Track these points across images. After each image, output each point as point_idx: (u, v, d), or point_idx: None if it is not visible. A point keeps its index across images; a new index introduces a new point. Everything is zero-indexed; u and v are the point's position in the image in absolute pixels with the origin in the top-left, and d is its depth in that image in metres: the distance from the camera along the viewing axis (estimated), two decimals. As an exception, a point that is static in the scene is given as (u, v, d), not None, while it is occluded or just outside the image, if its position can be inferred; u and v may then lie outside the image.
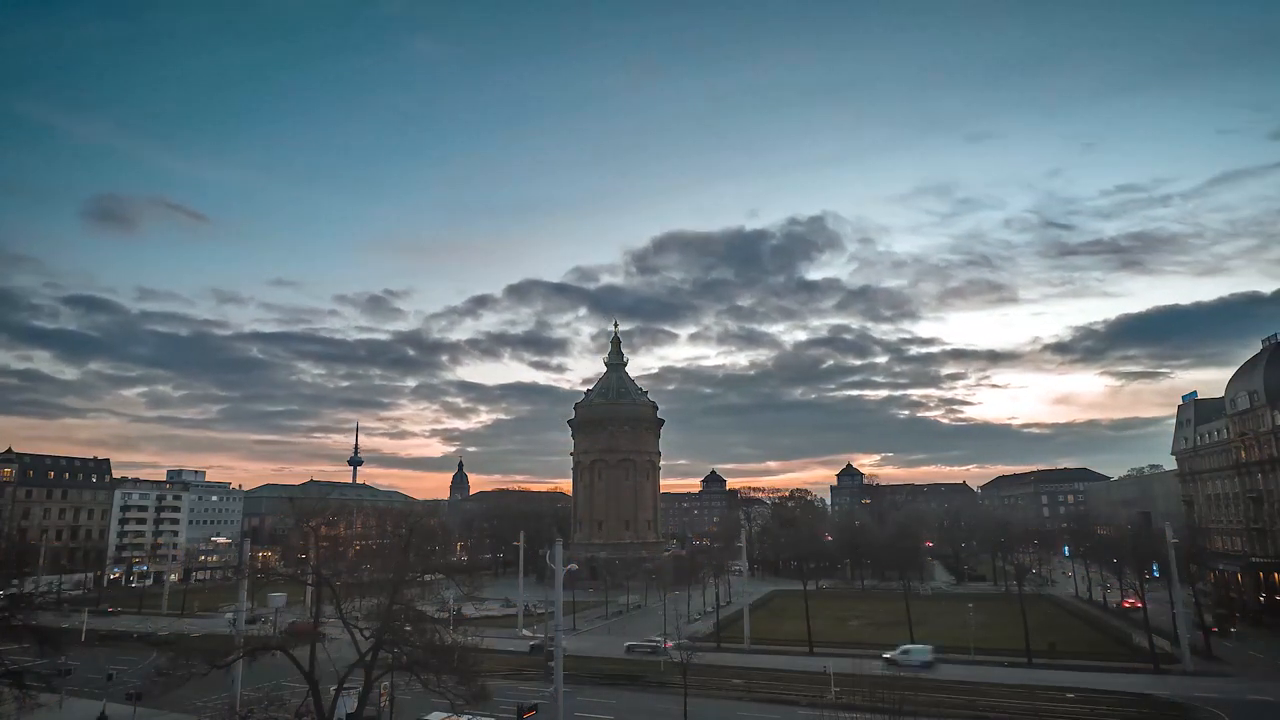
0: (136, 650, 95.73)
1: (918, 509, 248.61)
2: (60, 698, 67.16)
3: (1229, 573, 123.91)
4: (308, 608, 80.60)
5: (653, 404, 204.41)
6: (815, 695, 68.12)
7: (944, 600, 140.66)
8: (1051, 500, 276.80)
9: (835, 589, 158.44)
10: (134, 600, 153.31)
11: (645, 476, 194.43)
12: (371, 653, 47.45)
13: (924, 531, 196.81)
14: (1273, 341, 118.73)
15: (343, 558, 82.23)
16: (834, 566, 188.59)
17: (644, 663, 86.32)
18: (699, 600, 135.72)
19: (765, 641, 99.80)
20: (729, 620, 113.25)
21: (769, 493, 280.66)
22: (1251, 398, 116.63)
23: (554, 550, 62.01)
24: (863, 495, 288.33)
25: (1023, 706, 65.59)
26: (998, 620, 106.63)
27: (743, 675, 79.23)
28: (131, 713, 61.91)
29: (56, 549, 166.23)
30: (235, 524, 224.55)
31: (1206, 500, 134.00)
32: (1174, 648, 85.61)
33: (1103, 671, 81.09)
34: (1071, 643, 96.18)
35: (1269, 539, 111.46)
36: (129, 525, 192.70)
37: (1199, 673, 79.61)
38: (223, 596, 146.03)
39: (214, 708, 65.08)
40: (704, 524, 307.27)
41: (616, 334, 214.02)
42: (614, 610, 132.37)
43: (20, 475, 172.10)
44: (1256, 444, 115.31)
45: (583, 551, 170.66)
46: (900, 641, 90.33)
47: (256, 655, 49.74)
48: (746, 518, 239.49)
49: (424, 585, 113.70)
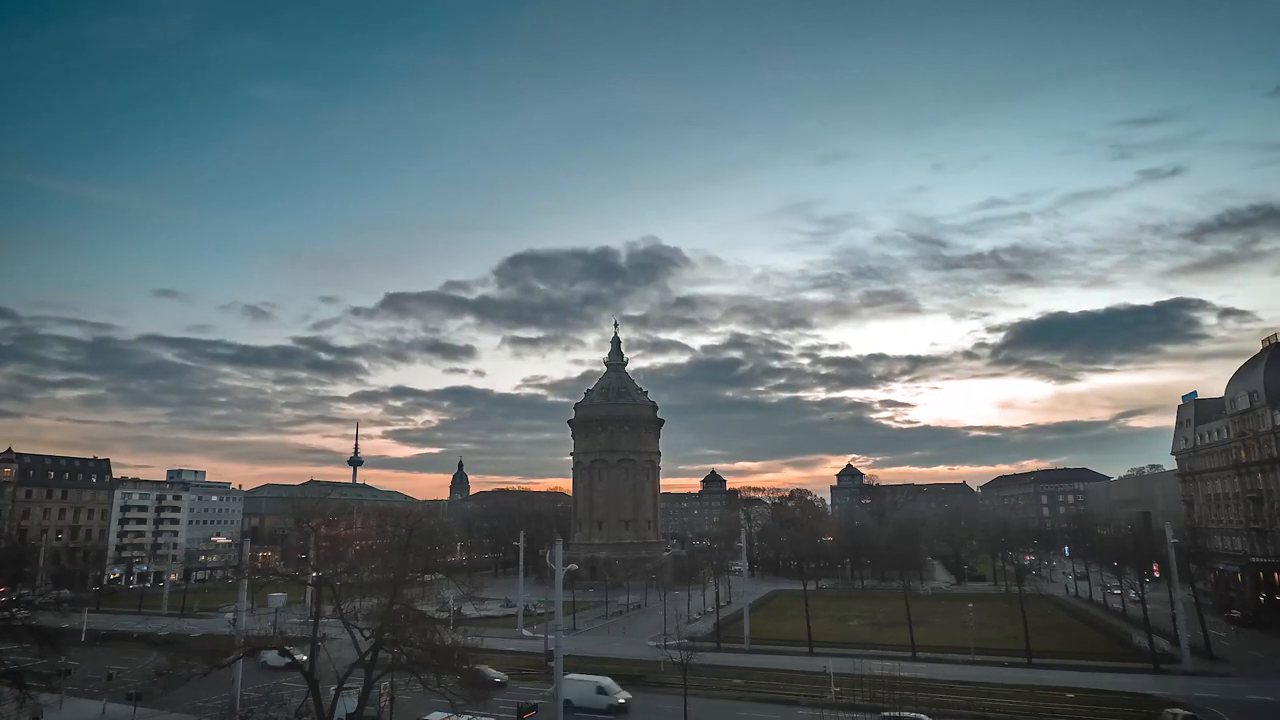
0: (136, 650, 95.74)
1: (918, 509, 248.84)
2: (60, 698, 67.23)
3: (1229, 573, 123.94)
4: (308, 608, 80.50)
5: (652, 404, 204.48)
6: (815, 695, 68.07)
7: (944, 600, 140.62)
8: (1051, 500, 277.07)
9: (835, 589, 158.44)
10: (134, 600, 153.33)
11: (645, 476, 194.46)
12: (371, 653, 47.44)
13: (923, 531, 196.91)
14: (1273, 341, 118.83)
15: (343, 558, 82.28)
16: (834, 566, 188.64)
17: (644, 662, 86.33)
18: (699, 600, 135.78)
19: (765, 641, 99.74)
20: (729, 620, 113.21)
21: (769, 493, 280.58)
22: (1251, 398, 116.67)
23: (554, 550, 62.10)
24: (863, 495, 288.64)
25: (1023, 706, 65.57)
26: (998, 620, 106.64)
27: (743, 675, 79.24)
28: (131, 713, 61.91)
29: (56, 549, 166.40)
30: (235, 524, 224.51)
31: (1206, 500, 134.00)
32: (1174, 648, 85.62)
33: (1103, 671, 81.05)
34: (1071, 643, 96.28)
35: (1269, 539, 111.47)
36: (129, 525, 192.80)
37: (1199, 673, 79.60)
38: (223, 596, 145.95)
39: (214, 708, 65.05)
40: (704, 524, 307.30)
41: (616, 334, 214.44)
42: (614, 610, 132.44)
43: (20, 475, 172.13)
44: (1256, 444, 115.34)
45: (583, 551, 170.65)
46: (901, 645, 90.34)
47: (257, 655, 49.75)
48: (746, 518, 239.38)
49: (424, 585, 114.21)
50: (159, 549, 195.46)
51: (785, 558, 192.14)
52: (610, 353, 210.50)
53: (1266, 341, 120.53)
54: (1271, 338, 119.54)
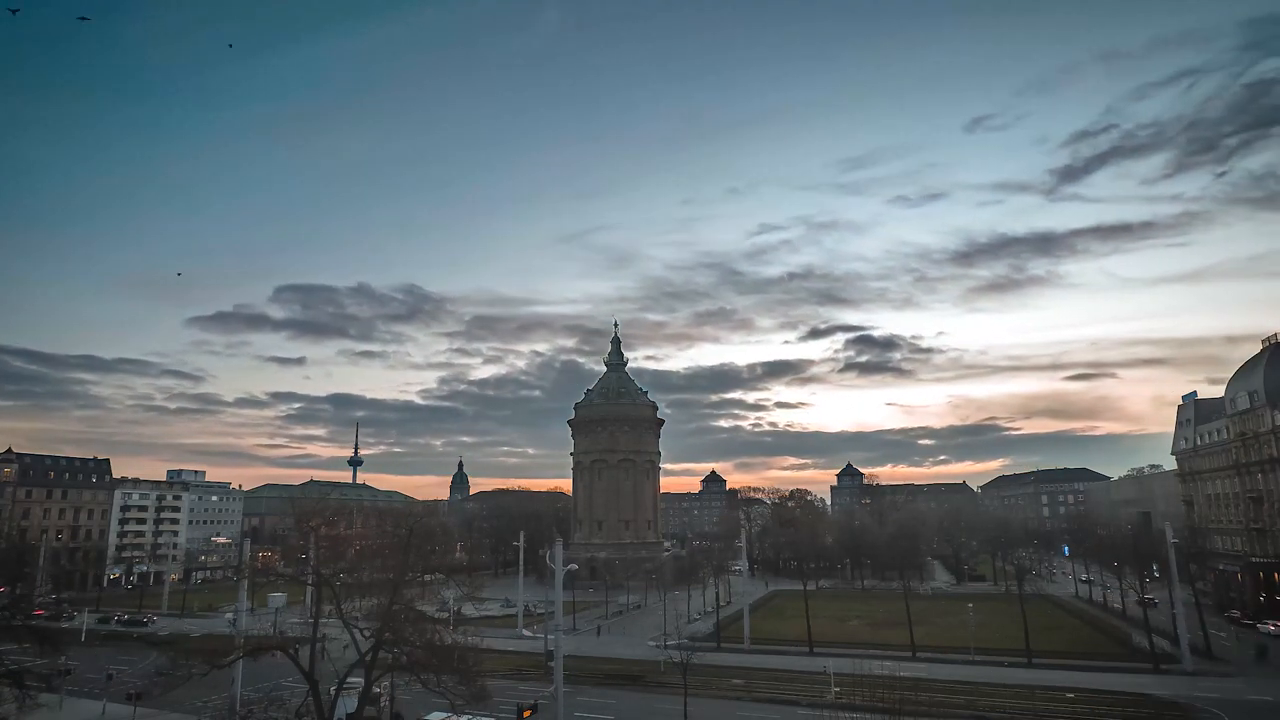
0: (136, 650, 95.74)
1: (917, 509, 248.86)
2: (60, 698, 67.22)
3: (1229, 573, 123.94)
4: (308, 608, 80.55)
5: (653, 404, 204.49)
6: (815, 695, 68.14)
7: (944, 600, 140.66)
8: (1051, 500, 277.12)
9: (835, 589, 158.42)
10: (134, 600, 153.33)
11: (645, 476, 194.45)
12: (371, 653, 47.44)
13: (923, 531, 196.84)
14: (1273, 341, 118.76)
15: (343, 558, 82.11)
16: (834, 566, 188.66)
17: (644, 662, 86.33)
18: (699, 600, 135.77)
19: (765, 641, 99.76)
20: (729, 620, 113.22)
21: (769, 493, 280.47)
22: (1251, 398, 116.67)
23: (554, 550, 62.05)
24: (863, 495, 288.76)
25: (1023, 706, 65.57)
26: (998, 620, 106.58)
27: (743, 675, 79.24)
28: (131, 713, 61.91)
29: (56, 549, 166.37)
30: (235, 524, 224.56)
31: (1206, 500, 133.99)
32: (1174, 648, 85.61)
33: (1103, 671, 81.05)
34: (1072, 643, 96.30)
35: (1269, 539, 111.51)
36: (129, 525, 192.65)
37: (1199, 673, 79.59)
38: (223, 596, 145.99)
39: (214, 708, 65.10)
40: (704, 524, 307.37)
41: (616, 334, 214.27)
42: (614, 610, 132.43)
43: (20, 475, 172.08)
44: (1256, 444, 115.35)
45: (583, 551, 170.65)
46: (901, 644, 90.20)
47: (257, 655, 49.77)
48: (746, 518, 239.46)
49: (424, 585, 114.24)
50: (159, 549, 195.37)
51: (785, 558, 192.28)
52: (610, 353, 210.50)
53: (1266, 341, 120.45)
54: (1271, 338, 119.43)
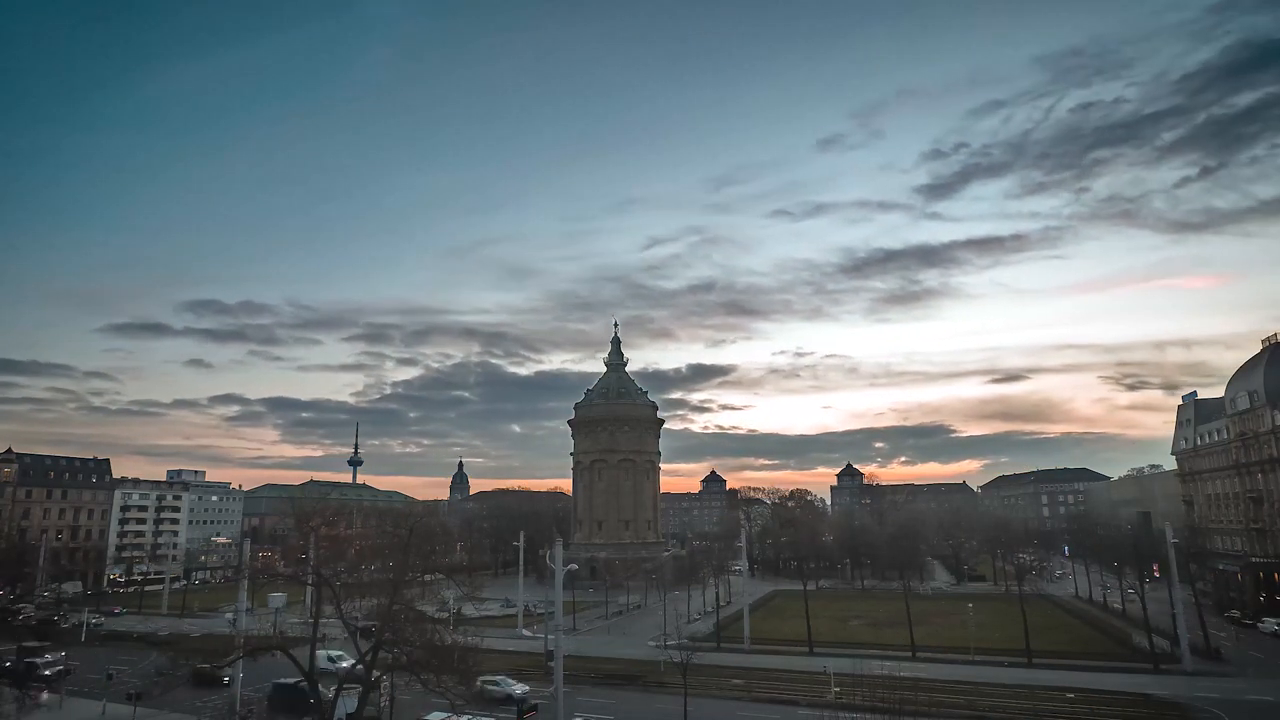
0: (136, 650, 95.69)
1: (917, 509, 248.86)
2: (60, 698, 67.23)
3: (1229, 572, 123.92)
4: (308, 608, 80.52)
5: (653, 404, 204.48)
6: (815, 695, 68.07)
7: (944, 600, 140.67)
8: (1051, 500, 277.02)
9: (835, 589, 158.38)
10: (134, 600, 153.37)
11: (645, 476, 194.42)
12: (371, 653, 47.47)
13: (923, 531, 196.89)
14: (1273, 342, 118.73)
15: (343, 558, 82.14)
16: (834, 566, 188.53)
17: (644, 662, 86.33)
18: (699, 600, 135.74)
19: (765, 641, 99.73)
20: (729, 620, 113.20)
21: (769, 493, 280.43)
22: (1251, 398, 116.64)
23: (554, 550, 62.09)
24: (863, 495, 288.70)
25: (1023, 706, 65.48)
26: (998, 620, 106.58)
27: (743, 675, 79.18)
28: (131, 713, 61.88)
29: (56, 549, 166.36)
30: (235, 524, 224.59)
31: (1206, 500, 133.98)
32: (1174, 648, 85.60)
33: (1103, 671, 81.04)
34: (1071, 643, 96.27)
35: (1269, 539, 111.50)
36: (129, 525, 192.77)
37: (1199, 673, 79.56)
38: (223, 596, 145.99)
39: (214, 708, 65.09)
40: (704, 524, 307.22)
41: (616, 334, 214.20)
42: (614, 610, 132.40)
43: (20, 475, 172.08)
44: (1256, 444, 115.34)
45: (583, 551, 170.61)
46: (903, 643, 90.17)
47: (257, 655, 49.81)
48: (746, 518, 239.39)
49: (424, 585, 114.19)
50: (159, 549, 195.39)
51: (785, 558, 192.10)
52: (610, 353, 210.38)
53: (1266, 341, 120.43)
54: (1271, 338, 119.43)
